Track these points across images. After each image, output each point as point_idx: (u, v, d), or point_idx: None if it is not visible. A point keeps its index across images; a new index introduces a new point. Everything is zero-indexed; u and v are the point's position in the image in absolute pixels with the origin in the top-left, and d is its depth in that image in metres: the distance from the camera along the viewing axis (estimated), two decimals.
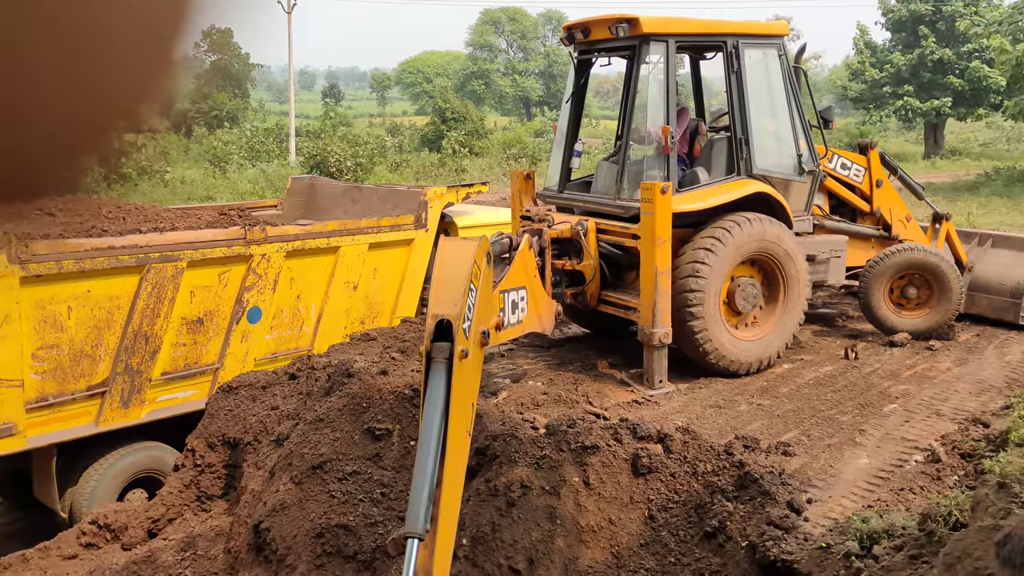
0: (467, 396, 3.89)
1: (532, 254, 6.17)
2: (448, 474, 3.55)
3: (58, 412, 6.44)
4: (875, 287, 8.43)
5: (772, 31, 7.82)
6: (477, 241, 4.17)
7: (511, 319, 5.32)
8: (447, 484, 3.55)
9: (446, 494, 3.53)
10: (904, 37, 38.43)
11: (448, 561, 3.57)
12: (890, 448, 5.93)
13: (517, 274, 5.58)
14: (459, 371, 3.72)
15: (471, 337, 3.96)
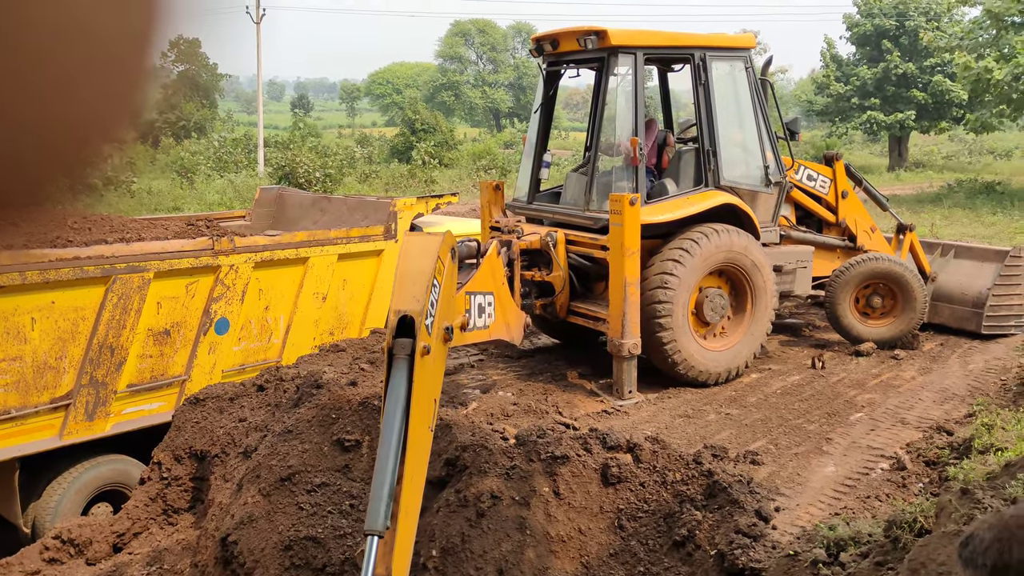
0: (429, 392, 3.88)
1: (500, 261, 6.18)
2: (409, 471, 3.54)
3: (21, 425, 6.33)
4: (841, 297, 8.55)
5: (739, 44, 7.92)
6: (441, 237, 4.14)
7: (478, 323, 5.32)
8: (408, 481, 3.54)
9: (407, 491, 3.52)
10: (869, 51, 39.10)
11: (408, 559, 3.57)
12: (856, 456, 6.01)
13: (484, 278, 5.59)
14: (421, 367, 3.71)
15: (434, 333, 3.94)
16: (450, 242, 4.25)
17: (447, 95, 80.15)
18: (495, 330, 5.67)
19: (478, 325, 5.35)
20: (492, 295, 5.61)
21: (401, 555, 3.46)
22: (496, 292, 5.68)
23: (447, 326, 4.17)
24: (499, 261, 6.13)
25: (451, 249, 4.29)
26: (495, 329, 5.65)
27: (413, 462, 3.59)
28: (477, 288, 5.43)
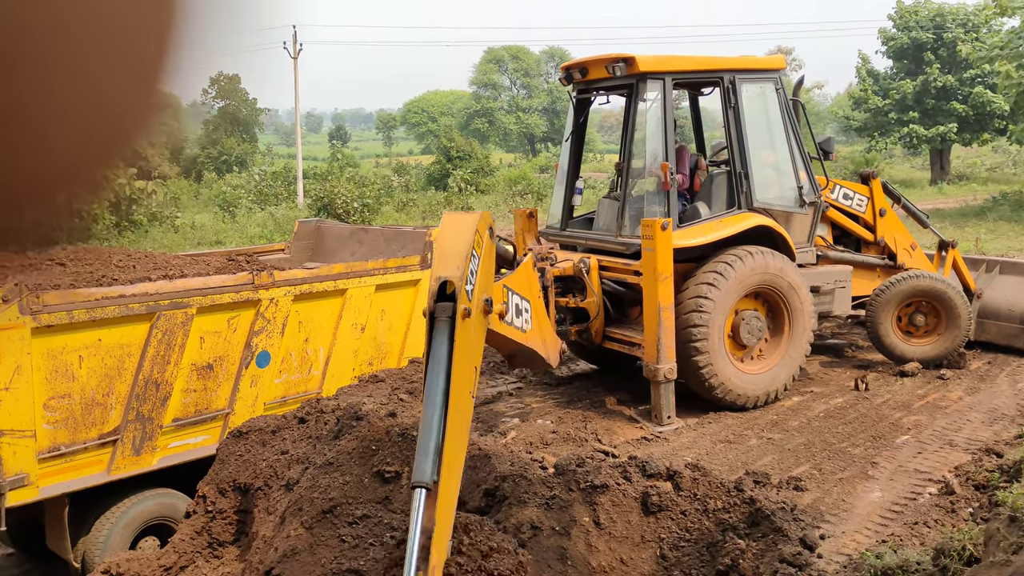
0: (469, 357, 3.95)
1: (536, 275, 6.16)
2: (451, 432, 3.62)
3: (70, 461, 6.47)
4: (882, 315, 8.43)
5: (769, 65, 7.91)
6: (479, 214, 4.30)
7: (516, 321, 5.31)
8: (450, 442, 3.62)
9: (448, 451, 3.60)
10: (906, 65, 38.67)
11: (451, 514, 3.67)
12: (903, 481, 5.90)
13: (521, 282, 5.60)
14: (462, 330, 3.80)
15: (474, 300, 4.02)
16: (488, 220, 4.39)
17: (481, 122, 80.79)
18: (532, 338, 5.64)
19: (516, 324, 5.34)
20: (529, 303, 5.59)
21: (445, 509, 3.57)
22: (532, 303, 5.66)
23: (487, 298, 4.24)
24: (535, 274, 6.16)
25: (489, 227, 4.41)
26: (532, 337, 5.63)
27: (455, 425, 3.66)
28: (514, 287, 5.38)
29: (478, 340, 4.22)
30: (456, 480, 3.79)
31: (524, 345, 5.62)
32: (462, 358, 3.81)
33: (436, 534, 3.52)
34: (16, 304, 6.00)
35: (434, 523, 3.49)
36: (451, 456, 3.70)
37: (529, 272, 5.86)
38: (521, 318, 5.42)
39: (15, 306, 5.99)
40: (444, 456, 3.59)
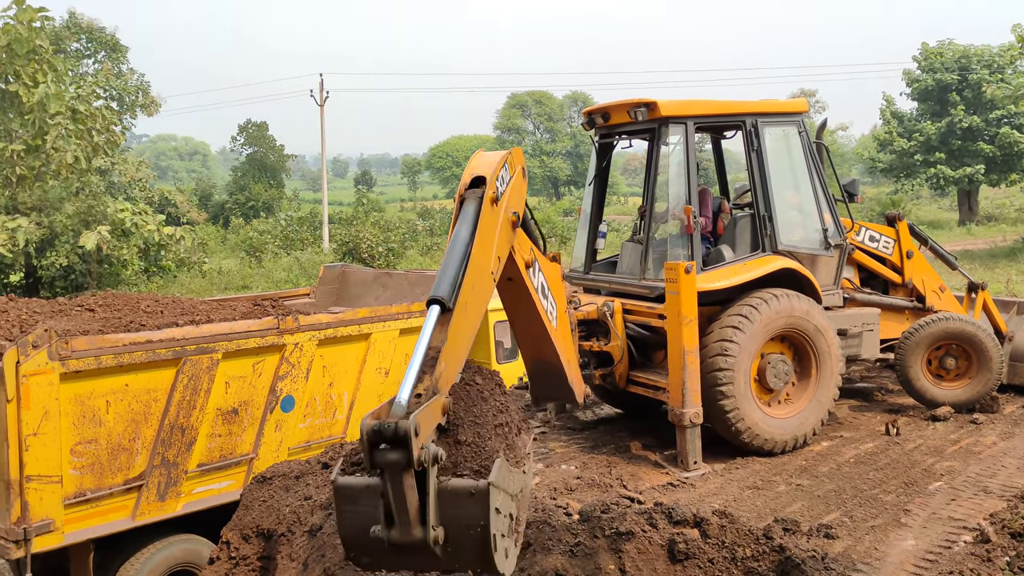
0: (492, 239, 4.08)
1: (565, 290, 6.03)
2: (466, 294, 3.68)
3: (96, 507, 6.47)
4: (912, 359, 8.31)
5: (791, 108, 7.93)
6: (511, 150, 4.60)
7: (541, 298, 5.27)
8: (461, 305, 3.66)
9: (459, 313, 3.61)
10: (931, 106, 38.60)
11: (462, 348, 3.68)
12: (937, 528, 5.76)
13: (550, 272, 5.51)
14: (488, 212, 3.99)
15: (503, 203, 4.22)
16: (519, 156, 4.79)
17: None
18: (558, 338, 5.50)
19: (544, 305, 5.29)
20: (556, 306, 5.48)
21: (458, 336, 3.57)
22: (559, 307, 5.55)
23: (515, 211, 4.44)
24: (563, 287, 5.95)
25: (521, 165, 4.76)
26: (558, 338, 5.50)
27: (472, 287, 3.74)
28: (544, 268, 5.31)
29: (505, 233, 4.35)
30: (467, 336, 3.74)
31: (549, 339, 5.46)
32: (484, 235, 3.97)
33: (447, 348, 3.52)
34: (45, 350, 6.07)
35: (445, 340, 3.48)
36: (459, 318, 3.65)
37: (558, 276, 5.75)
38: (548, 301, 5.36)
39: (44, 352, 6.06)
40: (453, 316, 3.60)
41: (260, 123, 59.77)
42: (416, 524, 3.28)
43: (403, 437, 3.15)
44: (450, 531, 3.31)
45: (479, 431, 3.59)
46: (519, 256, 4.90)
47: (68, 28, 34.36)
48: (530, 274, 5.12)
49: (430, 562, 3.42)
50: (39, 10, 17.59)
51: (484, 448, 3.51)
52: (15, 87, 17.46)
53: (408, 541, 3.28)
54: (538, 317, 5.36)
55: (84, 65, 35.61)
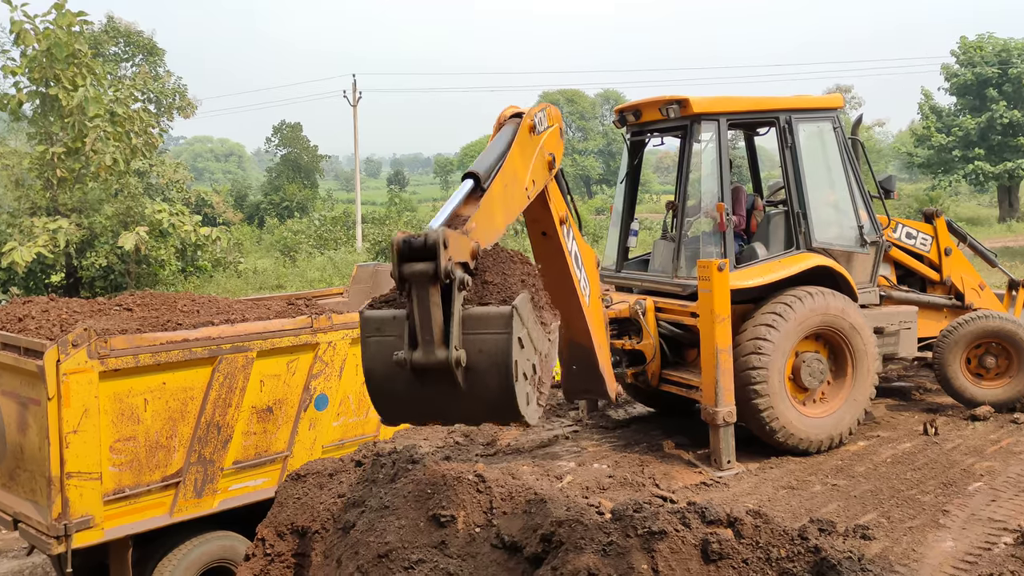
0: (528, 157, 4.39)
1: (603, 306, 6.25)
2: (496, 187, 3.97)
3: (134, 503, 6.58)
4: (951, 357, 8.18)
5: (826, 104, 7.84)
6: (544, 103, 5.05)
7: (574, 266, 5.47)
8: (495, 191, 3.95)
9: (490, 197, 3.89)
10: (970, 101, 37.93)
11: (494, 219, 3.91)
12: (977, 530, 5.67)
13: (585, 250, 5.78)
14: (526, 135, 4.34)
15: (541, 137, 4.61)
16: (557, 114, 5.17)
17: None
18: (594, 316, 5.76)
19: (578, 274, 5.51)
20: (590, 282, 5.74)
21: (489, 208, 3.84)
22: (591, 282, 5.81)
23: (551, 154, 4.81)
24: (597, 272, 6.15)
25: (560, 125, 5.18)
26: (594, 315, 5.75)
27: (504, 187, 4.04)
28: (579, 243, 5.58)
29: (539, 165, 4.57)
30: (497, 221, 3.96)
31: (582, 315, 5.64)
32: (522, 151, 4.25)
33: (477, 215, 3.73)
34: (85, 348, 6.18)
35: (477, 210, 3.74)
36: (493, 202, 3.92)
37: (593, 258, 5.97)
38: (581, 273, 5.53)
39: (84, 350, 6.17)
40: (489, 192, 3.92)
41: (294, 124, 60.34)
42: (439, 343, 3.24)
43: (432, 247, 3.18)
44: (472, 358, 3.26)
45: (506, 277, 3.61)
46: (554, 207, 5.07)
47: (106, 32, 34.94)
48: (564, 232, 5.24)
49: (450, 397, 3.35)
50: (78, 14, 17.90)
51: (510, 288, 3.53)
52: (55, 91, 17.80)
53: (430, 361, 3.25)
54: (571, 284, 5.49)
55: (122, 68, 36.18)
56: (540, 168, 4.63)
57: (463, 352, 3.25)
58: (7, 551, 10.02)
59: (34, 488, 6.36)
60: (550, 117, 4.88)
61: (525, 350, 3.45)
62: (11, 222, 18.84)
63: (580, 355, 6.18)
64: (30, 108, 18.86)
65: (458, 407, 3.44)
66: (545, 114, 4.78)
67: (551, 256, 5.42)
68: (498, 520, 5.19)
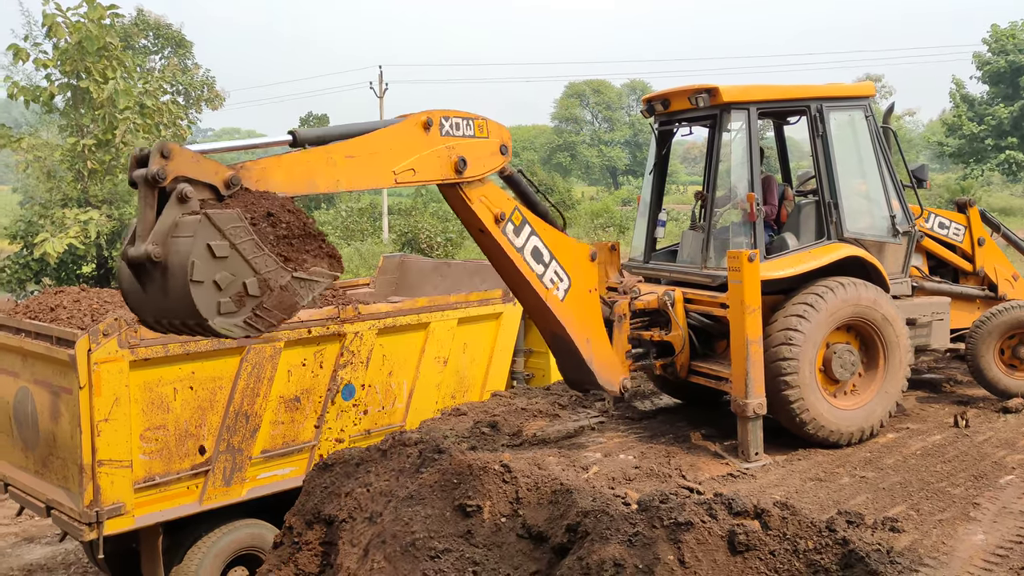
0: (401, 145, 5.12)
1: (595, 271, 6.54)
2: (329, 153, 4.75)
3: (164, 491, 6.68)
4: (984, 348, 8.06)
5: (857, 93, 7.72)
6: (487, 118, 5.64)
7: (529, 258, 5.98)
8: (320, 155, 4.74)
9: (308, 156, 4.69)
10: (1003, 89, 37.31)
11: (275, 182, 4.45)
12: (1008, 523, 5.58)
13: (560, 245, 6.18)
14: (411, 127, 5.14)
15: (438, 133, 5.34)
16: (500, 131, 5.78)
17: (564, 155, 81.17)
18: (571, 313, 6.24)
19: (535, 268, 6.00)
20: (570, 280, 6.22)
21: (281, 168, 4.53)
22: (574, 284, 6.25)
23: (462, 157, 5.44)
24: (593, 272, 6.50)
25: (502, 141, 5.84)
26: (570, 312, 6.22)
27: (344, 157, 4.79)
28: (542, 234, 6.05)
29: (432, 160, 5.26)
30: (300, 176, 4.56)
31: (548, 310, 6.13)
32: (393, 137, 5.01)
33: (272, 162, 4.46)
34: (116, 338, 6.27)
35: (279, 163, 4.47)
36: (308, 161, 4.59)
37: (583, 255, 6.39)
38: (544, 267, 6.05)
39: (115, 340, 6.25)
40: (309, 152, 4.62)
41: (321, 116, 60.57)
42: (142, 238, 3.74)
43: (146, 156, 3.84)
44: (169, 258, 3.74)
45: (305, 225, 4.23)
46: (485, 206, 5.66)
47: (136, 25, 35.26)
48: (504, 229, 5.77)
49: (155, 294, 3.84)
50: (109, 7, 18.09)
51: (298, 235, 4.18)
52: (86, 83, 18.01)
53: (133, 256, 3.74)
54: (523, 279, 6.00)
55: (151, 61, 36.52)
56: (433, 164, 5.28)
57: (157, 248, 3.71)
58: (40, 537, 10.20)
59: (66, 475, 6.47)
60: (480, 127, 5.53)
61: (226, 262, 3.84)
62: (43, 213, 19.11)
63: (564, 347, 6.55)
64: (61, 100, 19.10)
65: (161, 304, 3.87)
66: (471, 123, 5.48)
67: (493, 252, 5.93)
68: (524, 510, 5.19)
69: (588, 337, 6.36)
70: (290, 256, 4.13)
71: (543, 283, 6.09)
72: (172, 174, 3.91)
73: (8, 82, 18.32)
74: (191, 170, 4.01)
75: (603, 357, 6.55)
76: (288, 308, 4.14)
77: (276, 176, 4.45)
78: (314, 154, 4.67)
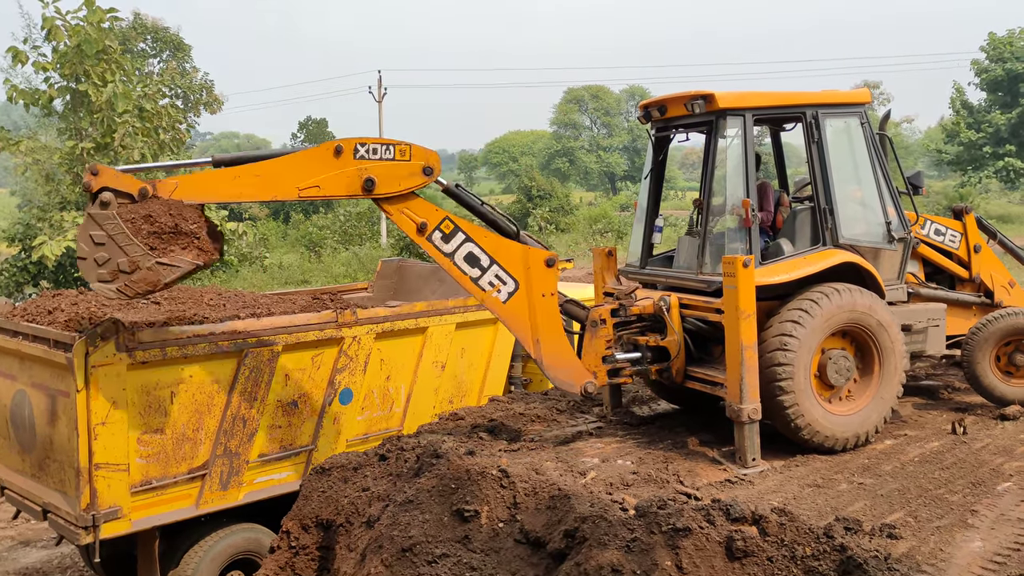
0: (305, 166, 6.24)
1: (552, 275, 6.81)
2: (241, 172, 6.24)
3: (161, 495, 6.67)
4: (980, 355, 8.08)
5: (853, 99, 7.75)
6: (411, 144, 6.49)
7: (460, 262, 6.58)
8: (229, 174, 6.28)
9: (219, 176, 6.28)
10: (1001, 97, 37.42)
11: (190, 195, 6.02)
12: (1006, 530, 5.59)
13: (501, 249, 6.67)
14: (321, 153, 6.27)
15: (350, 159, 6.32)
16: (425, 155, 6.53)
17: (562, 161, 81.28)
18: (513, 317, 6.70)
19: (468, 272, 6.61)
20: (517, 284, 6.65)
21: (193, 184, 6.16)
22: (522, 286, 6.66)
23: (370, 178, 6.33)
24: (549, 276, 6.79)
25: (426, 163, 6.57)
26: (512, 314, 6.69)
27: (254, 176, 6.18)
28: (477, 238, 6.60)
29: (340, 180, 6.27)
30: (210, 193, 6.10)
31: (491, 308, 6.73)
32: (298, 161, 6.21)
33: (191, 180, 6.03)
34: (113, 341, 6.26)
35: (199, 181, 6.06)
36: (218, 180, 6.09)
37: (530, 257, 6.74)
38: (481, 272, 6.61)
39: (112, 343, 6.25)
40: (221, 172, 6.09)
41: (320, 120, 60.66)
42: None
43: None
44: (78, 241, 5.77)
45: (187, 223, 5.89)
46: (406, 216, 6.54)
47: (134, 28, 35.29)
48: (429, 237, 6.54)
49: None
50: (109, 11, 18.11)
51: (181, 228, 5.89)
52: (85, 86, 18.01)
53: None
54: (461, 280, 6.67)
55: (150, 64, 36.54)
56: (339, 182, 6.27)
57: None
58: (36, 541, 10.18)
59: (63, 479, 6.46)
60: (401, 151, 6.40)
61: (103, 247, 5.68)
62: (41, 216, 19.11)
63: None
64: (60, 103, 19.11)
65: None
66: (392, 149, 6.38)
67: (433, 255, 6.69)
68: (522, 515, 5.20)
69: (537, 338, 6.74)
70: (157, 246, 5.78)
71: (478, 286, 6.65)
72: (98, 185, 5.70)
73: (7, 85, 18.34)
74: (113, 182, 5.76)
75: (556, 359, 6.81)
76: (152, 283, 5.81)
77: (184, 189, 5.96)
78: (221, 173, 6.10)
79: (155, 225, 5.76)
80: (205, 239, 5.94)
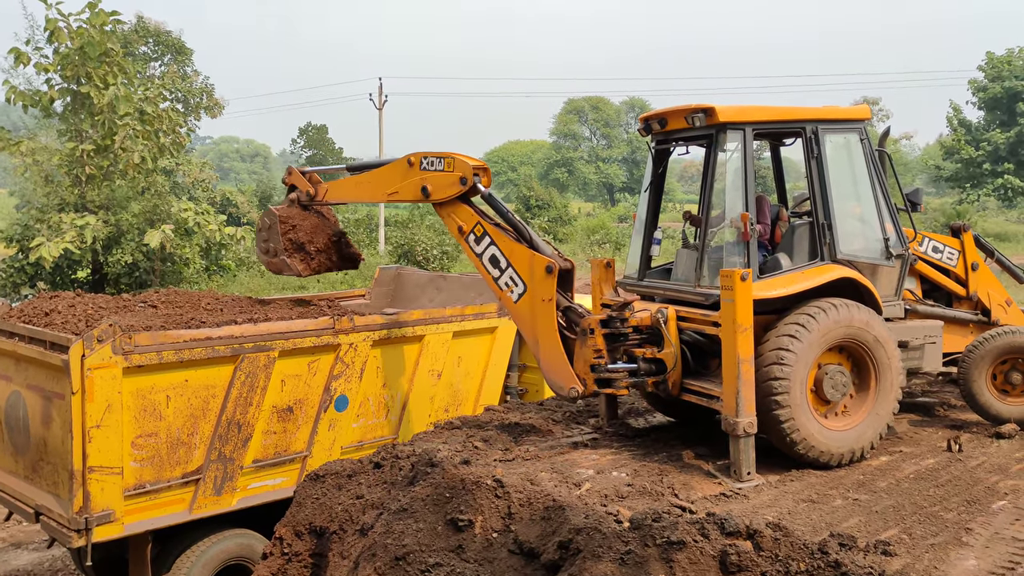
0: (388, 176, 7.86)
1: (551, 281, 7.04)
2: (358, 179, 8.43)
3: (154, 499, 6.65)
4: (976, 373, 8.08)
5: (853, 115, 7.78)
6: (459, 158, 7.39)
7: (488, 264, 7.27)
8: (354, 181, 8.61)
9: (345, 184, 8.82)
10: (999, 115, 37.58)
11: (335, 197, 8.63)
12: (1000, 549, 5.59)
13: (516, 253, 7.17)
14: (399, 165, 7.65)
15: (417, 172, 7.52)
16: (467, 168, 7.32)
17: (561, 171, 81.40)
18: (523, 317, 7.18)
19: (491, 272, 7.24)
20: (525, 286, 7.09)
21: (337, 188, 8.69)
22: (530, 291, 7.07)
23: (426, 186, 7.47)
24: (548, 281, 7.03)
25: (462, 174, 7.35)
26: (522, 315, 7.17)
27: (357, 184, 8.54)
28: (500, 243, 7.22)
29: (408, 185, 7.54)
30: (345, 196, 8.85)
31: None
32: (384, 172, 7.88)
33: (336, 185, 8.61)
34: (110, 344, 6.25)
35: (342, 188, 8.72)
36: (347, 187, 8.70)
37: (534, 264, 7.12)
38: (501, 272, 7.22)
39: (108, 346, 6.24)
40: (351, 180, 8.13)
41: (320, 126, 60.76)
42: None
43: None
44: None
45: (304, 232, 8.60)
46: (452, 219, 7.41)
47: (136, 31, 35.35)
48: (467, 240, 7.34)
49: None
50: (111, 14, 18.15)
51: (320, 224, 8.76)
52: (87, 88, 18.04)
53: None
54: (489, 281, 7.33)
55: (151, 68, 36.57)
56: (409, 189, 7.53)
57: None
58: (28, 543, 10.13)
59: (56, 481, 6.44)
60: (449, 164, 7.27)
61: (266, 232, 8.52)
62: (40, 217, 19.10)
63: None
64: (61, 105, 19.13)
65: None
66: (443, 161, 7.29)
67: (467, 255, 7.47)
68: (516, 526, 5.19)
69: (537, 339, 7.17)
70: (288, 248, 8.40)
71: (498, 285, 7.27)
72: (290, 182, 8.70)
73: (7, 86, 18.35)
74: (297, 181, 8.66)
75: (550, 361, 7.13)
76: (276, 269, 8.65)
77: (331, 192, 8.47)
78: (347, 180, 8.38)
79: (296, 233, 8.44)
80: (319, 260, 8.63)
